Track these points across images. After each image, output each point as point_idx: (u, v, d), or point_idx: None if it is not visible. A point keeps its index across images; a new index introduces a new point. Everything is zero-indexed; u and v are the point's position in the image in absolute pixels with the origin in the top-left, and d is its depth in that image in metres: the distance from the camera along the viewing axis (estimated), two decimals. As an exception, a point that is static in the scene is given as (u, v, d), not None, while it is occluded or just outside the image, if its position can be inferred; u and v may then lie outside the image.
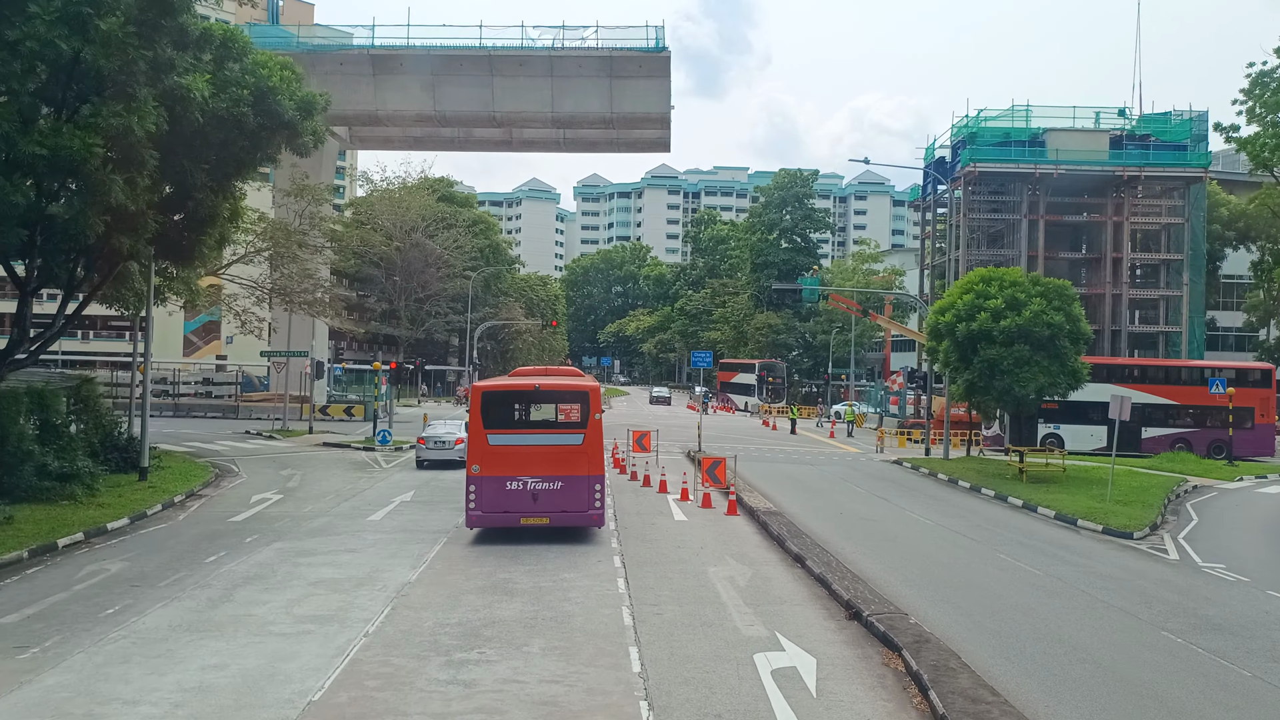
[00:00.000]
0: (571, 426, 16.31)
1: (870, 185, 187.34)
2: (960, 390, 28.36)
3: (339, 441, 34.63)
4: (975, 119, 48.22)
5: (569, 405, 16.33)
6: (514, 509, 16.10)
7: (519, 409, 17.22)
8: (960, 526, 20.04)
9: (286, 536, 17.01)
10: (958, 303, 27.36)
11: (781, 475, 28.26)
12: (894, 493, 25.37)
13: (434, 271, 76.30)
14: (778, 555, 16.01)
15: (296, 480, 24.91)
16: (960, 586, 14.22)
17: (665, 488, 23.54)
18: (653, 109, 46.31)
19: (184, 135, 18.18)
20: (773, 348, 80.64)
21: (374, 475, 26.23)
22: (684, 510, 20.59)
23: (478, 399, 16.20)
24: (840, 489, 25.78)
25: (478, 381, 16.82)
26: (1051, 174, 46.46)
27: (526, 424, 17.04)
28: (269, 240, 30.44)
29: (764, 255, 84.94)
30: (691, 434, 42.42)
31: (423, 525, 18.21)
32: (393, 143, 54.08)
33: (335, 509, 20.18)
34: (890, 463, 33.58)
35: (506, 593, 12.96)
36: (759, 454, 35.36)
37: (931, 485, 27.77)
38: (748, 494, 21.87)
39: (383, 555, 15.39)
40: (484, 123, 47.89)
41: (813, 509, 21.48)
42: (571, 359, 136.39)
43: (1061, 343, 26.80)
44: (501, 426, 16.27)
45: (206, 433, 38.01)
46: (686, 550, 16.15)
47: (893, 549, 17.13)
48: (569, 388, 16.85)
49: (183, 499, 21.31)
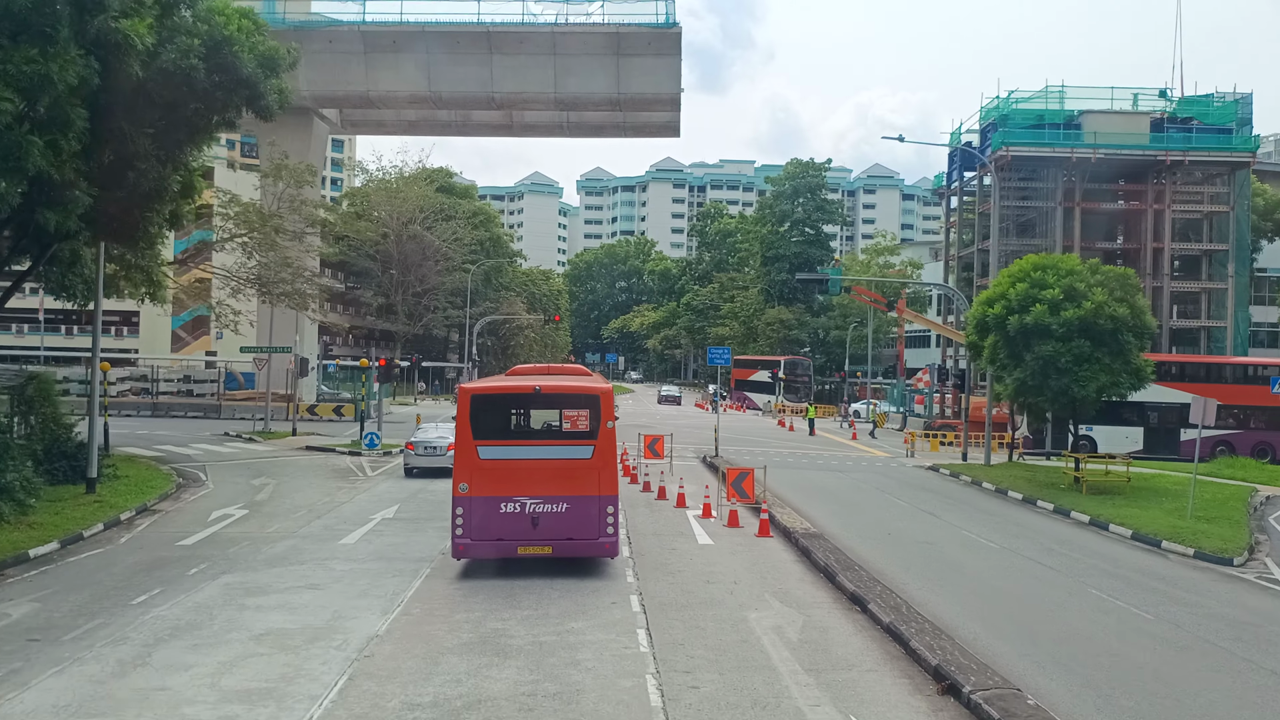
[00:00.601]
0: (579, 437, 13.53)
1: (879, 179, 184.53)
2: (1010, 390, 25.55)
3: (323, 445, 31.90)
4: (1006, 100, 45.31)
5: (576, 411, 13.56)
6: (510, 536, 13.34)
7: (516, 415, 14.46)
8: (1029, 550, 17.25)
9: (239, 566, 14.26)
10: (1009, 293, 24.53)
11: (810, 485, 25.47)
12: (940, 506, 22.57)
13: (432, 265, 73.54)
14: (829, 594, 13.23)
15: (268, 491, 22.16)
16: (1062, 638, 11.44)
17: (683, 501, 20.76)
18: (662, 89, 43.46)
19: (122, 92, 15.41)
20: (784, 344, 77.83)
21: (356, 485, 23.47)
22: (707, 530, 17.82)
23: (465, 403, 13.43)
24: (879, 502, 22.98)
25: (467, 382, 13.90)
26: (1089, 158, 43.56)
27: (525, 433, 14.29)
28: (244, 225, 27.51)
29: (775, 248, 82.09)
30: (705, 435, 39.63)
31: (403, 551, 15.45)
32: (386, 127, 51.29)
33: (304, 529, 17.43)
34: (925, 469, 30.77)
35: (498, 652, 10.20)
36: (780, 459, 32.57)
37: (978, 496, 24.96)
38: (780, 510, 19.09)
39: (350, 594, 12.64)
40: (482, 104, 45.06)
41: (855, 528, 18.69)
42: (575, 355, 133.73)
43: (1125, 337, 23.97)
44: (495, 437, 13.50)
45: (183, 434, 35.30)
46: (718, 586, 13.38)
47: (961, 583, 14.34)
48: (576, 390, 14.07)
49: (131, 516, 18.57)
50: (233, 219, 27.19)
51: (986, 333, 25.94)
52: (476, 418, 13.42)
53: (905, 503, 22.83)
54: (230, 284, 29.44)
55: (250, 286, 28.82)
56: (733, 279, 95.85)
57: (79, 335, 70.67)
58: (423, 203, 73.17)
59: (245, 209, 27.47)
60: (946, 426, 40.56)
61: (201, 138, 17.56)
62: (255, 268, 28.91)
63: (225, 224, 28.60)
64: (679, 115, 46.92)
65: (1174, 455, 34.83)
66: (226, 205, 26.84)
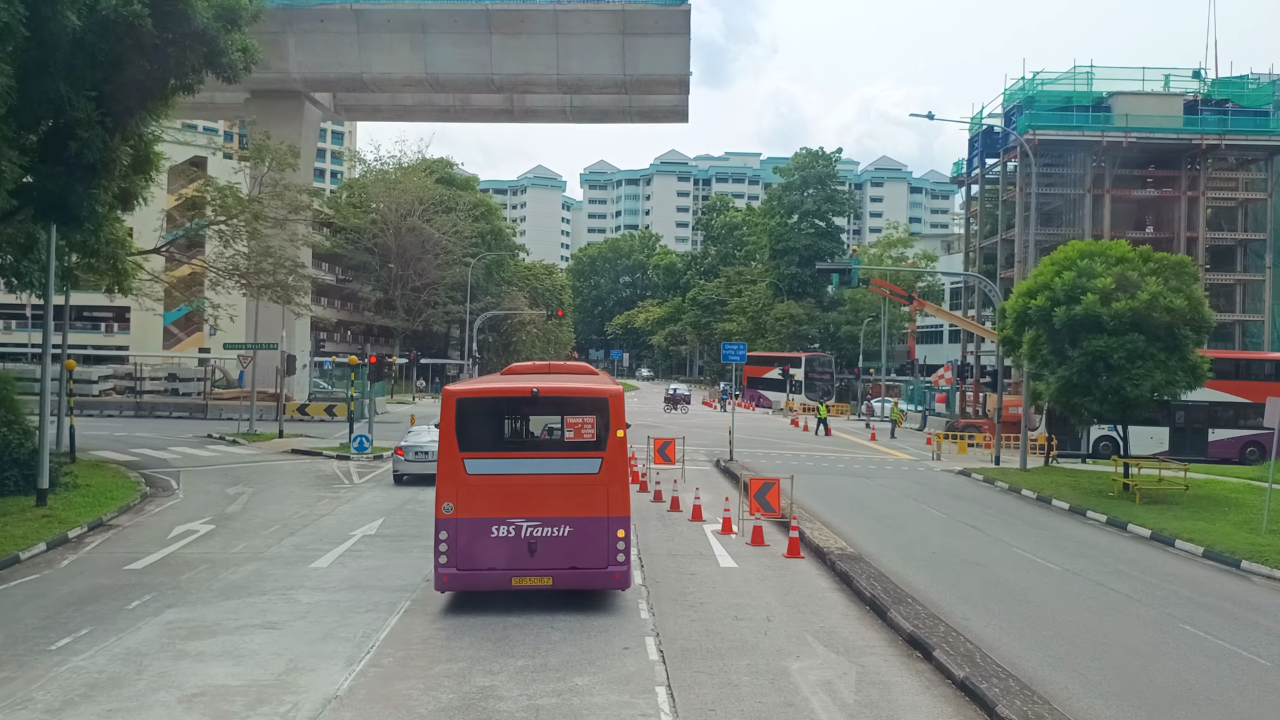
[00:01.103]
0: (584, 448, 11.47)
1: (887, 171, 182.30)
2: (1052, 390, 23.41)
3: (310, 448, 29.88)
4: (1031, 82, 43.05)
5: (580, 418, 11.48)
6: (503, 565, 11.30)
7: (510, 423, 12.40)
8: (1094, 571, 15.16)
9: (189, 598, 12.24)
10: (1054, 283, 22.39)
11: (835, 492, 23.38)
12: (982, 518, 20.47)
13: (431, 258, 71.43)
14: (880, 634, 11.16)
15: (241, 502, 20.14)
16: (1178, 697, 9.37)
17: (700, 514, 18.69)
18: (670, 70, 41.32)
19: (58, 47, 13.37)
20: (793, 339, 75.68)
21: (339, 495, 21.43)
22: (730, 550, 15.75)
23: (450, 409, 11.39)
24: (914, 512, 20.88)
25: (452, 384, 11.83)
26: (1120, 142, 41.31)
27: (520, 444, 12.23)
28: (221, 211, 25.35)
29: (784, 240, 79.84)
30: (717, 437, 37.60)
31: (381, 578, 13.41)
32: (381, 112, 49.23)
33: (273, 548, 15.40)
34: (955, 474, 28.68)
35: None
36: (799, 462, 30.51)
37: (1020, 505, 22.85)
38: (809, 525, 17.01)
39: (312, 636, 10.61)
40: (481, 87, 42.96)
41: (894, 546, 16.61)
42: (579, 352, 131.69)
43: (1182, 332, 21.85)
44: (485, 448, 11.46)
45: (164, 436, 33.31)
46: (749, 624, 11.32)
47: (1032, 617, 12.25)
48: (580, 392, 12.00)
49: (82, 533, 16.55)
50: (208, 204, 25.01)
51: (1027, 326, 23.82)
52: (463, 425, 11.37)
53: (943, 513, 20.74)
54: (208, 275, 27.20)
55: (229, 278, 26.69)
56: (740, 273, 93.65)
57: (71, 332, 68.60)
58: (422, 194, 71.06)
59: (221, 193, 25.36)
60: (972, 427, 38.41)
61: (156, 104, 15.50)
62: (234, 257, 26.75)
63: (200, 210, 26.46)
64: (687, 99, 44.84)
65: (1201, 456, 32.99)
66: (201, 188, 24.67)
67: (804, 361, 62.89)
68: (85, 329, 69.25)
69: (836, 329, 76.09)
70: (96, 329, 68.43)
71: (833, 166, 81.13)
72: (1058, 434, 34.26)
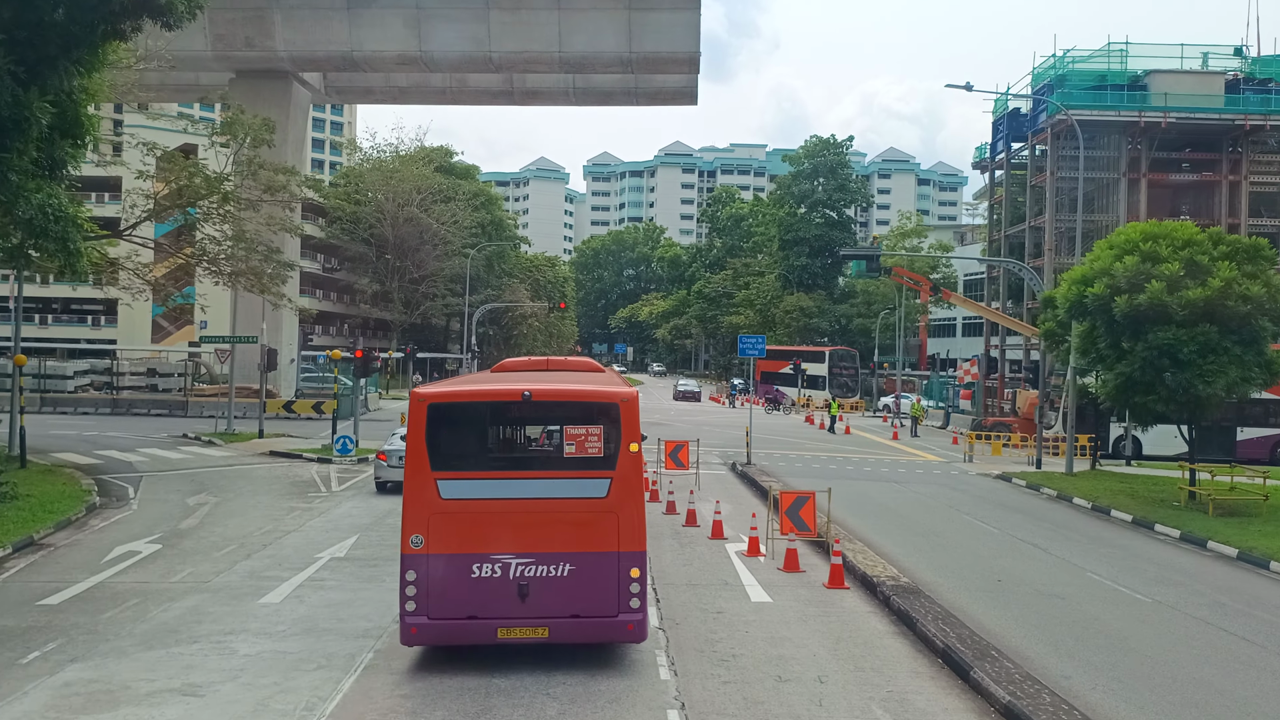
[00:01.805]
0: (589, 465, 9.11)
1: (894, 163, 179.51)
2: (1109, 388, 21.02)
3: (291, 449, 27.56)
4: (1061, 60, 40.52)
5: (584, 428, 9.10)
6: (486, 612, 8.96)
7: (496, 435, 10.02)
8: (1193, 604, 12.79)
9: (102, 648, 9.91)
10: (1114, 268, 19.96)
11: (867, 501, 21.01)
12: (1038, 532, 18.11)
13: (430, 249, 69.10)
14: (964, 700, 8.81)
15: (200, 515, 17.83)
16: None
17: (721, 530, 16.33)
18: (679, 47, 38.85)
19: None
20: (804, 332, 73.26)
21: (313, 505, 19.11)
22: (759, 577, 13.40)
23: (419, 417, 9.04)
24: (962, 527, 18.50)
25: (424, 386, 9.38)
26: (1159, 123, 38.77)
27: (508, 461, 9.80)
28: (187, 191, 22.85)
29: (794, 230, 77.26)
30: (730, 436, 35.33)
31: (343, 618, 11.08)
32: (374, 94, 46.82)
33: (223, 575, 13.08)
34: (993, 479, 26.32)
35: None
36: (820, 465, 28.19)
37: (1076, 517, 20.47)
38: (850, 546, 14.65)
39: (240, 709, 8.27)
40: (479, 66, 40.50)
41: (951, 572, 14.25)
42: (582, 345, 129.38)
43: (1260, 323, 19.44)
44: (464, 467, 9.11)
45: (136, 436, 31.03)
46: (797, 687, 8.97)
47: (1144, 674, 9.87)
48: (585, 396, 9.59)
49: (6, 555, 14.23)
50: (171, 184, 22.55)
51: (1081, 316, 21.41)
52: (436, 438, 9.02)
53: (994, 528, 18.36)
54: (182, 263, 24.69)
55: (198, 264, 24.20)
56: (747, 264, 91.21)
57: (54, 325, 66.55)
58: (420, 183, 68.69)
59: (181, 167, 22.83)
60: (1001, 426, 36.00)
61: (83, 54, 13.12)
62: (203, 241, 24.28)
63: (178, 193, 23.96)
64: (696, 79, 42.38)
65: (1229, 457, 30.78)
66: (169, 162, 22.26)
67: (827, 356, 59.90)
68: (71, 322, 67.17)
69: (848, 322, 73.64)
70: (84, 322, 66.25)
71: (844, 155, 78.55)
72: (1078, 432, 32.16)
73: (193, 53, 38.98)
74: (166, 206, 22.45)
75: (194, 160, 22.71)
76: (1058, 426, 33.81)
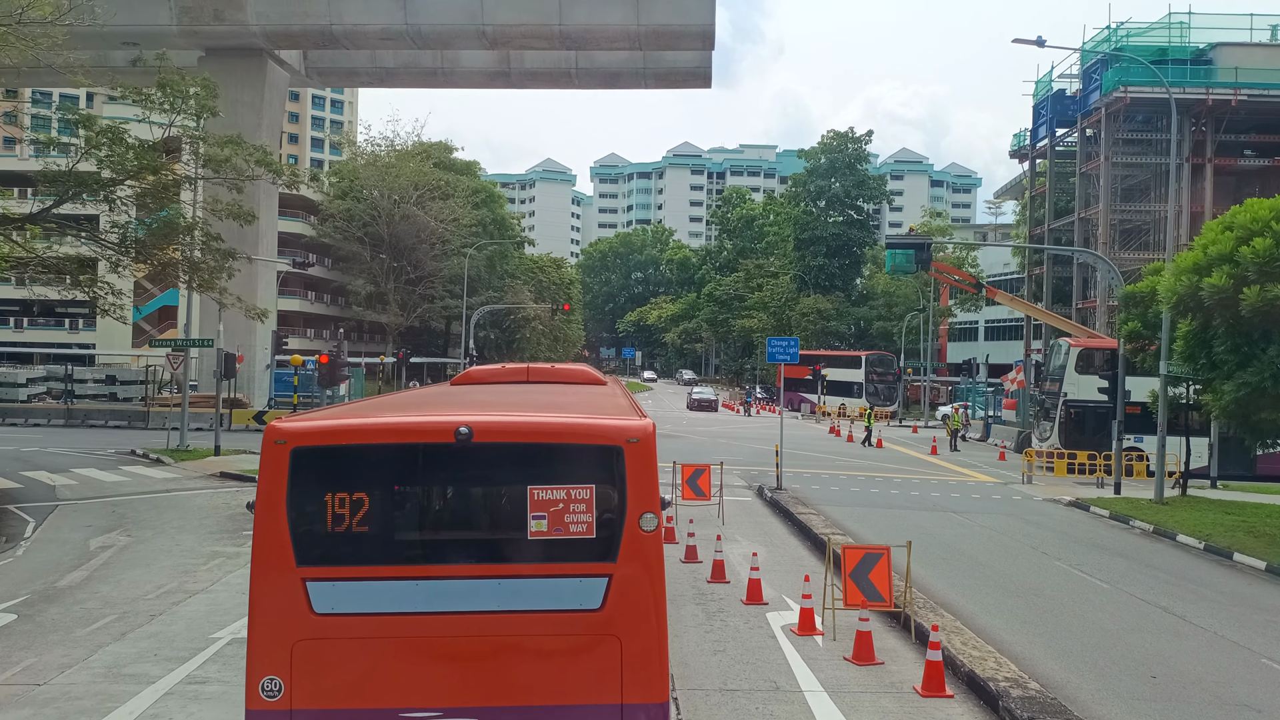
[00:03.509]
0: (571, 555, 5.31)
1: (907, 164, 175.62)
2: (1228, 401, 17.10)
3: (245, 470, 23.80)
4: (1115, 32, 36.60)
5: (564, 489, 5.28)
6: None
7: (413, 502, 5.93)
8: None
9: None
10: (1240, 253, 16.06)
11: (931, 542, 17.08)
12: (1154, 586, 14.22)
13: (427, 249, 65.51)
14: None
15: (96, 564, 14.09)
16: None
17: (759, 591, 12.43)
18: (691, 20, 35.15)
19: None
20: (821, 336, 69.44)
21: (243, 548, 15.31)
22: (820, 672, 9.56)
23: (276, 466, 5.26)
24: (1059, 580, 14.59)
25: (282, 419, 5.35)
26: (1229, 101, 34.85)
27: (432, 549, 5.63)
28: (108, 162, 19.01)
29: (810, 229, 73.45)
30: (751, 451, 31.55)
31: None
32: (359, 76, 43.26)
33: (70, 671, 9.32)
34: (1065, 506, 22.43)
35: None
36: (860, 488, 24.37)
37: (1190, 562, 16.54)
38: (937, 619, 10.79)
39: None
40: (471, 41, 36.82)
41: (1083, 659, 10.39)
42: (589, 350, 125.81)
43: None
44: (353, 558, 5.32)
45: (79, 453, 27.41)
46: None
47: None
48: (565, 433, 5.64)
49: None
50: (94, 153, 18.76)
51: (1191, 314, 17.54)
52: (305, 507, 5.24)
53: (1101, 581, 14.46)
54: (100, 248, 20.79)
55: (120, 253, 20.38)
56: (760, 266, 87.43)
57: (30, 329, 63.10)
58: (418, 179, 65.11)
59: (103, 135, 19.03)
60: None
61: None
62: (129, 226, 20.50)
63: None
64: (710, 57, 38.77)
65: (1248, 473, 27.26)
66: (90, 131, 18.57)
67: (864, 361, 55.42)
68: (49, 325, 63.68)
69: (868, 325, 69.81)
70: (61, 326, 62.80)
71: (862, 149, 74.72)
72: (1074, 444, 28.90)
73: (156, 27, 35.57)
74: (89, 185, 18.80)
75: (117, 126, 18.99)
76: (1054, 438, 30.14)
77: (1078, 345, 31.31)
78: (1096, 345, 31.12)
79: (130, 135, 19.33)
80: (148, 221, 20.48)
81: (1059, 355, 31.72)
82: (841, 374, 54.95)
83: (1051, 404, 31.05)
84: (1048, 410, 31.46)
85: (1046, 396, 31.91)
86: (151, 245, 20.77)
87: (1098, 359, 30.33)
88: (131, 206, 20.52)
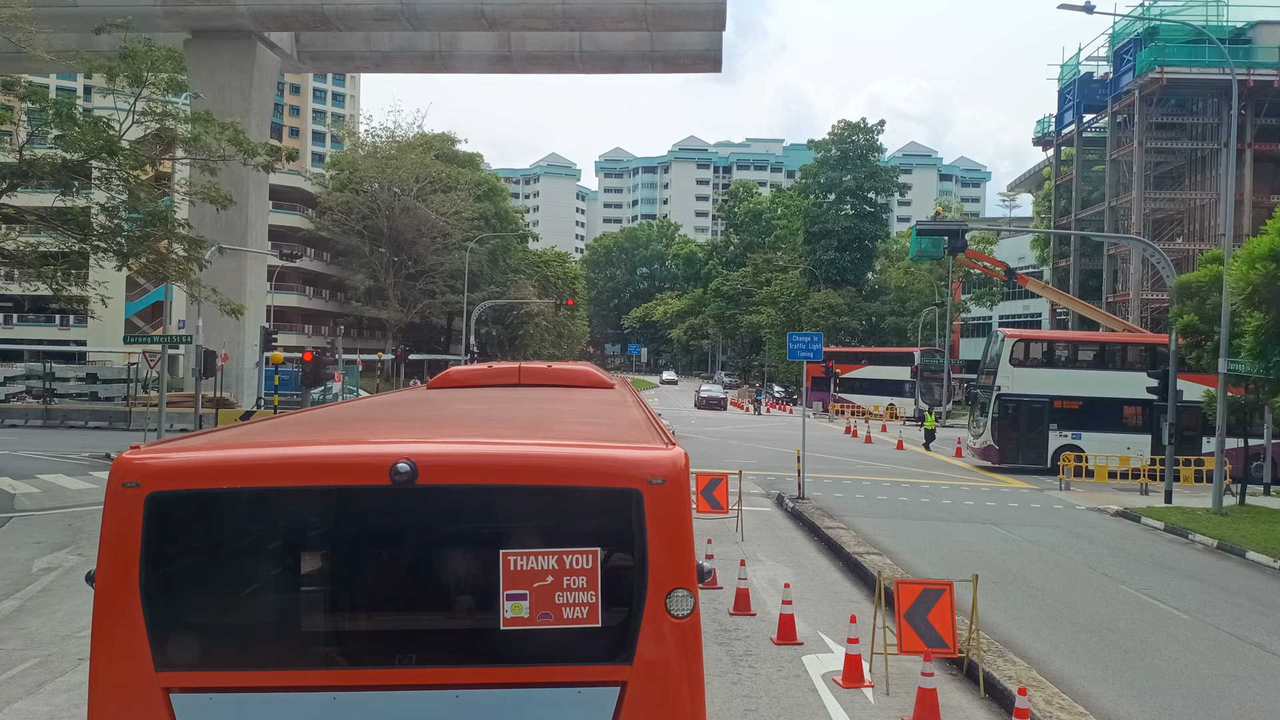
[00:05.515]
0: (565, 654, 3.55)
1: (916, 158, 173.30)
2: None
3: (223, 476, 22.11)
4: (1148, 10, 34.70)
5: (554, 555, 3.54)
6: None
7: (327, 569, 3.92)
8: None
9: None
10: (1329, 235, 14.25)
11: (974, 559, 15.27)
12: (1241, 617, 12.44)
13: (428, 243, 63.85)
14: None
15: (34, 589, 12.41)
16: None
17: (792, 629, 10.63)
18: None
19: None
20: (832, 332, 67.53)
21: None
22: (878, 741, 7.81)
23: (126, 523, 3.49)
24: (1129, 607, 12.79)
25: (140, 448, 3.51)
26: (1271, 82, 32.95)
27: (360, 648, 3.79)
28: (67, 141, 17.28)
29: (820, 222, 71.59)
30: (764, 453, 29.79)
31: None
32: (354, 60, 41.58)
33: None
34: (1111, 516, 20.63)
35: None
36: (888, 498, 22.61)
37: (1274, 586, 14.73)
38: (1008, 667, 9.03)
39: None
40: (470, 23, 35.07)
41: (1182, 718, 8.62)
42: (594, 346, 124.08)
43: None
44: (241, 660, 3.55)
45: (53, 455, 25.81)
46: None
47: None
48: (553, 468, 3.80)
49: None
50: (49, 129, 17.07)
51: (1265, 306, 15.74)
52: (166, 583, 3.49)
53: (1179, 610, 12.66)
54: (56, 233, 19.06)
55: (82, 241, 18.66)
56: (768, 260, 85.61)
57: (20, 325, 61.55)
58: (419, 171, 63.42)
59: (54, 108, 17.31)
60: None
61: None
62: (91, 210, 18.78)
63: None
64: (721, 39, 36.93)
65: None
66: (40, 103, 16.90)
67: (918, 356, 51.59)
68: (39, 321, 62.10)
69: (880, 320, 67.98)
70: (51, 322, 61.23)
71: (874, 139, 72.80)
72: (1008, 442, 27.43)
73: (140, 8, 33.81)
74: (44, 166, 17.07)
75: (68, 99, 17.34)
76: (986, 435, 28.30)
77: (1013, 335, 29.54)
78: (1033, 336, 29.98)
79: (79, 111, 17.58)
80: (106, 207, 18.72)
81: (994, 345, 29.75)
82: (887, 371, 52.53)
83: (985, 398, 28.75)
84: (982, 405, 29.30)
85: (980, 390, 29.89)
86: (114, 233, 19.02)
87: (1034, 350, 29.04)
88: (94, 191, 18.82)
